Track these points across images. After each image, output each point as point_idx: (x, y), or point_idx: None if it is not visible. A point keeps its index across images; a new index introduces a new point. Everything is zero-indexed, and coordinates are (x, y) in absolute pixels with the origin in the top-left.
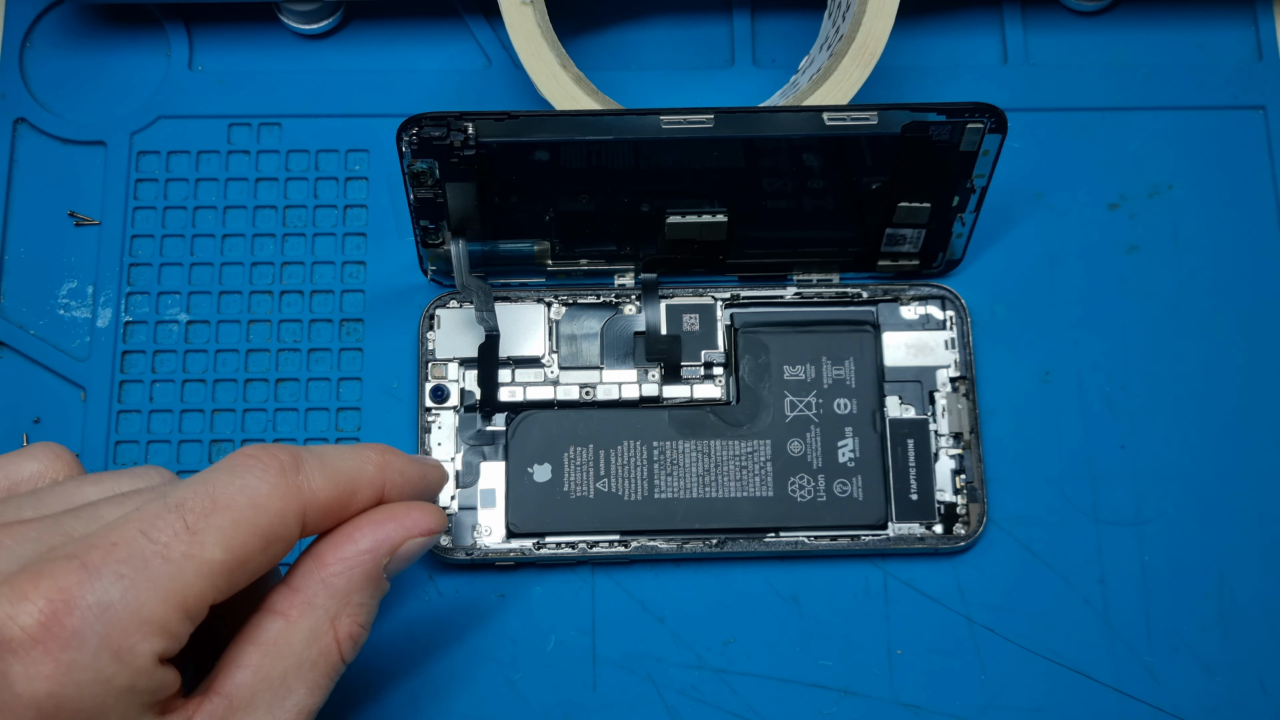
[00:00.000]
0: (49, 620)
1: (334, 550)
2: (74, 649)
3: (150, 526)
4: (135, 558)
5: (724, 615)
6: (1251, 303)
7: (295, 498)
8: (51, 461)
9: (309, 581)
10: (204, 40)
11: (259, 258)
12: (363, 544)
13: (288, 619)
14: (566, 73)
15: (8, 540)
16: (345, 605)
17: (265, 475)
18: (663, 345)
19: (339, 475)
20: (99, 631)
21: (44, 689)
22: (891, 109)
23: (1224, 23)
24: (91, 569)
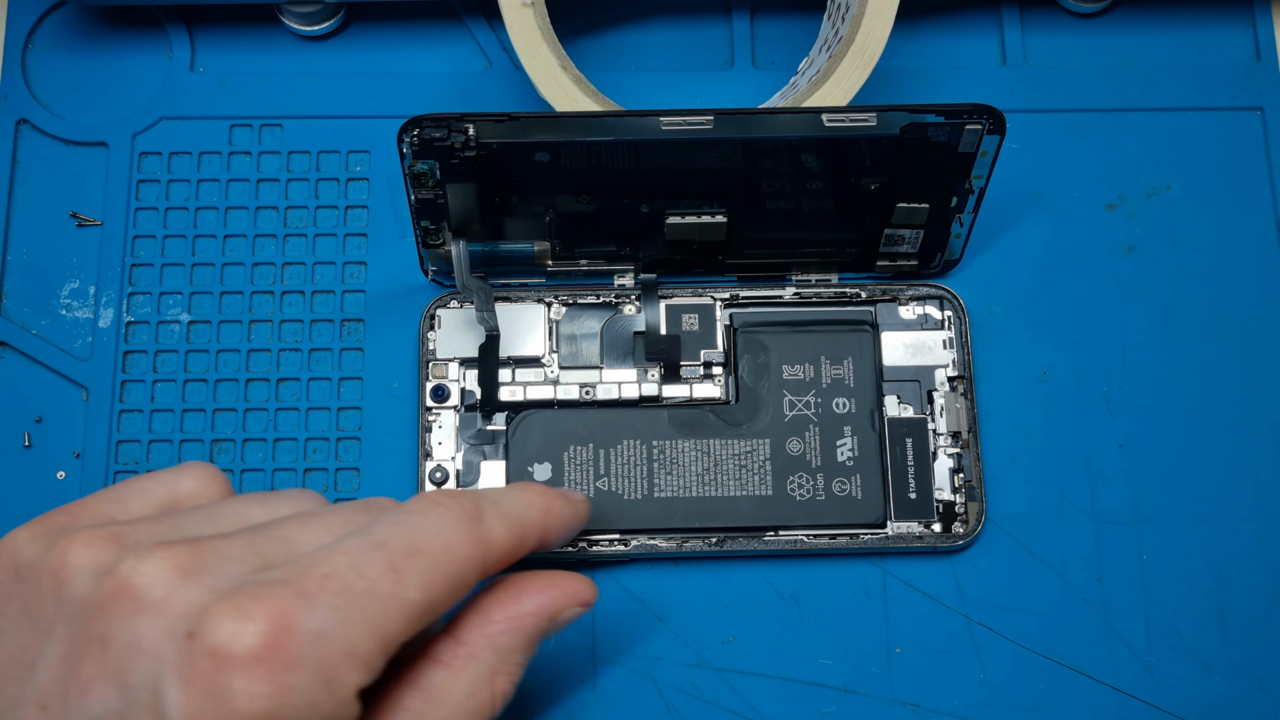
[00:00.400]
0: (272, 641)
1: (501, 608)
2: (292, 672)
3: (358, 562)
4: (347, 591)
5: (724, 614)
6: (1249, 303)
7: (480, 546)
8: (208, 481)
9: (474, 635)
10: (206, 42)
11: (260, 258)
12: (528, 606)
13: (451, 669)
14: (567, 74)
15: (211, 557)
16: (505, 663)
17: (455, 523)
18: (662, 345)
19: (513, 523)
20: (315, 658)
21: (261, 708)
22: (890, 110)
23: (1222, 24)
24: (308, 597)
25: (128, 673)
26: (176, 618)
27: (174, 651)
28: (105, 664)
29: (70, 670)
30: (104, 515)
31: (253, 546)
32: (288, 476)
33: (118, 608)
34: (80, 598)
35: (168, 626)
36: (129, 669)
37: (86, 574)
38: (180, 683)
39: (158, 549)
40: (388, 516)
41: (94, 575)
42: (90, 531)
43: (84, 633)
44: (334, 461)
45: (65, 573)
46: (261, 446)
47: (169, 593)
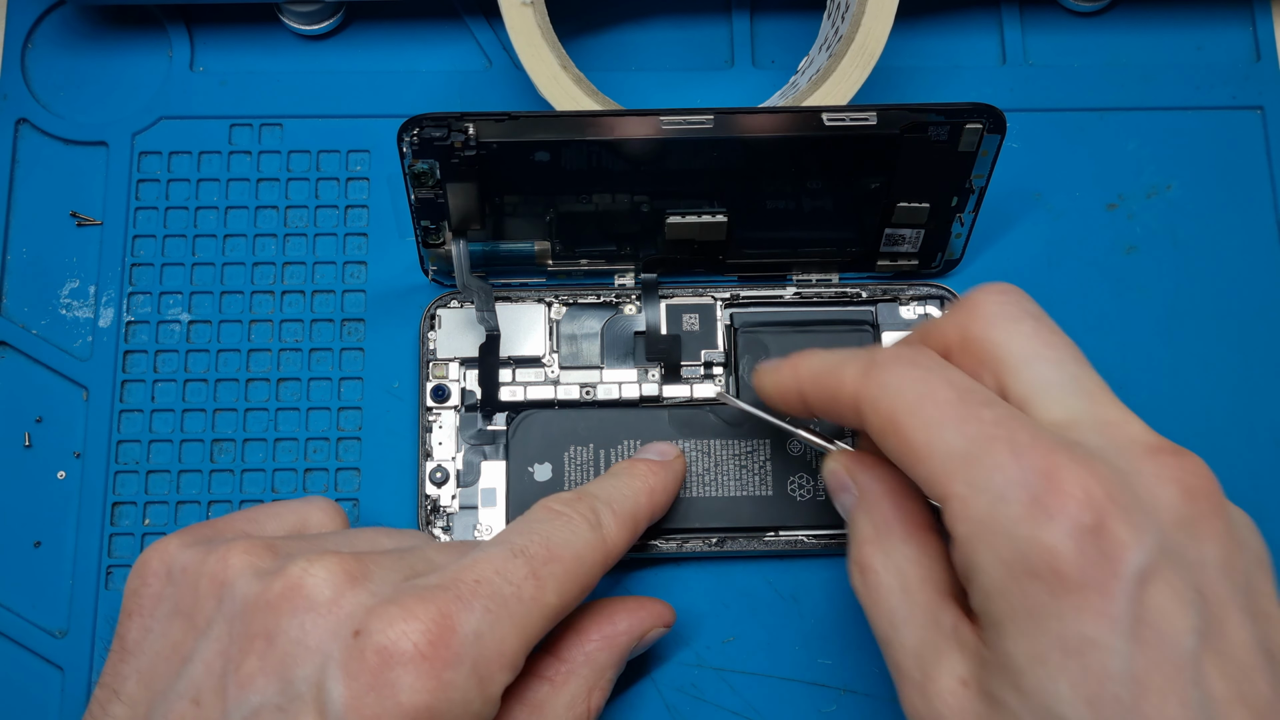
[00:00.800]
0: (436, 640)
1: (596, 628)
2: (452, 669)
3: (504, 569)
4: (497, 596)
5: (724, 614)
6: (1250, 302)
7: (603, 550)
8: (332, 513)
9: (574, 653)
10: (205, 41)
11: (260, 258)
12: (621, 625)
13: (553, 684)
14: (567, 73)
15: (372, 566)
16: (599, 679)
17: (580, 530)
18: (663, 345)
19: (627, 520)
20: (472, 657)
21: (423, 701)
22: (890, 109)
23: (1222, 23)
24: (465, 600)
25: (291, 667)
26: (344, 618)
27: (340, 648)
28: (268, 659)
29: (229, 665)
30: (243, 532)
31: (402, 561)
32: (288, 476)
33: (287, 606)
34: (244, 597)
35: (335, 626)
36: (293, 664)
37: (249, 576)
38: (345, 677)
39: (327, 555)
40: (517, 526)
41: (257, 577)
42: (248, 540)
43: (247, 630)
44: (334, 461)
45: (228, 575)
46: (262, 446)
47: (338, 594)
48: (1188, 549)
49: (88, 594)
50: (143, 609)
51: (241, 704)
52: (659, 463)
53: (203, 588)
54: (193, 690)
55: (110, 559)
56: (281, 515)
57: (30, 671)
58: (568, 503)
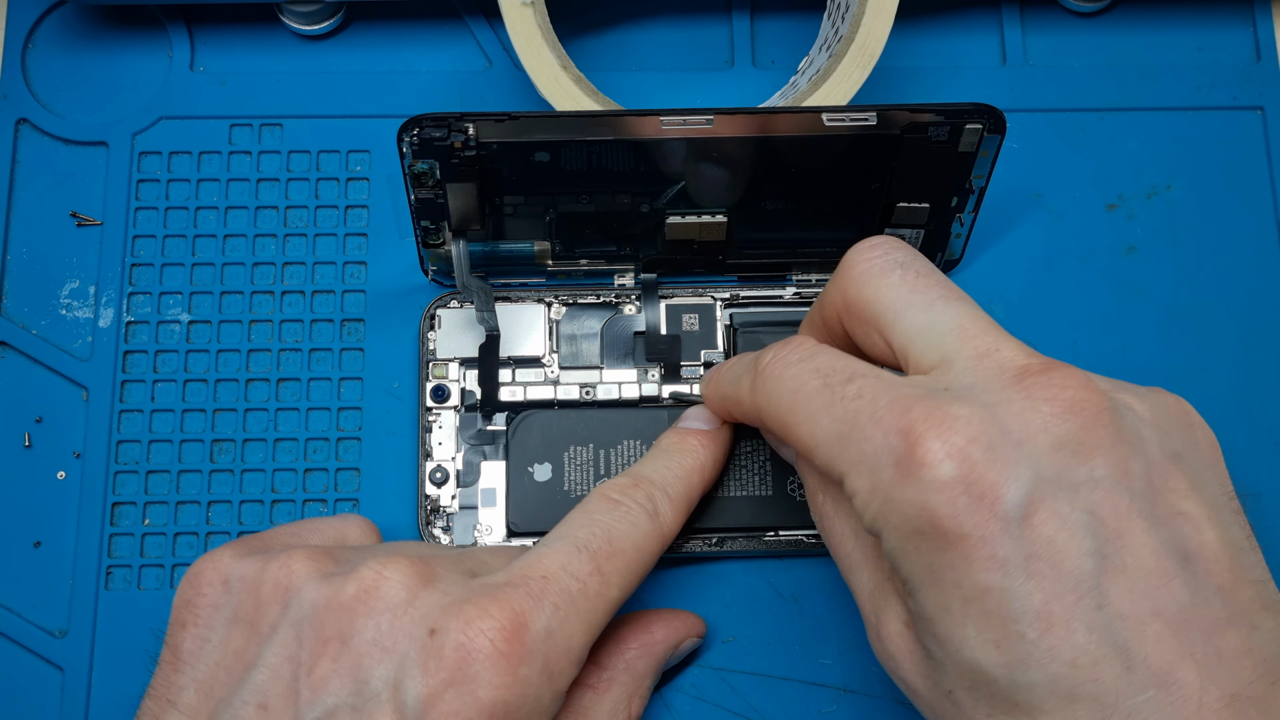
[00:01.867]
0: (511, 636)
1: (635, 637)
2: (526, 665)
3: (569, 565)
4: (565, 593)
5: (724, 614)
6: (1250, 303)
7: (660, 539)
8: (368, 530)
9: (614, 660)
10: (206, 41)
11: (260, 258)
12: (658, 635)
13: (596, 691)
14: (567, 74)
15: (439, 568)
16: (639, 686)
17: (640, 520)
18: (663, 345)
19: (682, 504)
20: (543, 653)
21: (500, 697)
22: (890, 110)
23: (1222, 24)
24: (535, 597)
25: (367, 668)
26: (420, 618)
27: (417, 648)
28: (342, 660)
29: (299, 669)
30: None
31: (461, 563)
32: (288, 476)
33: (362, 608)
34: (313, 601)
35: (410, 626)
36: (369, 665)
37: (316, 580)
38: (423, 675)
39: (398, 557)
40: (577, 519)
41: (325, 580)
42: (309, 548)
43: (320, 633)
44: (334, 461)
45: (292, 580)
46: (262, 447)
47: (412, 595)
48: (1072, 469)
49: (88, 594)
50: (198, 619)
51: (314, 706)
52: (708, 433)
53: (265, 594)
54: (259, 696)
55: (110, 559)
56: (322, 530)
57: (30, 671)
58: (625, 491)
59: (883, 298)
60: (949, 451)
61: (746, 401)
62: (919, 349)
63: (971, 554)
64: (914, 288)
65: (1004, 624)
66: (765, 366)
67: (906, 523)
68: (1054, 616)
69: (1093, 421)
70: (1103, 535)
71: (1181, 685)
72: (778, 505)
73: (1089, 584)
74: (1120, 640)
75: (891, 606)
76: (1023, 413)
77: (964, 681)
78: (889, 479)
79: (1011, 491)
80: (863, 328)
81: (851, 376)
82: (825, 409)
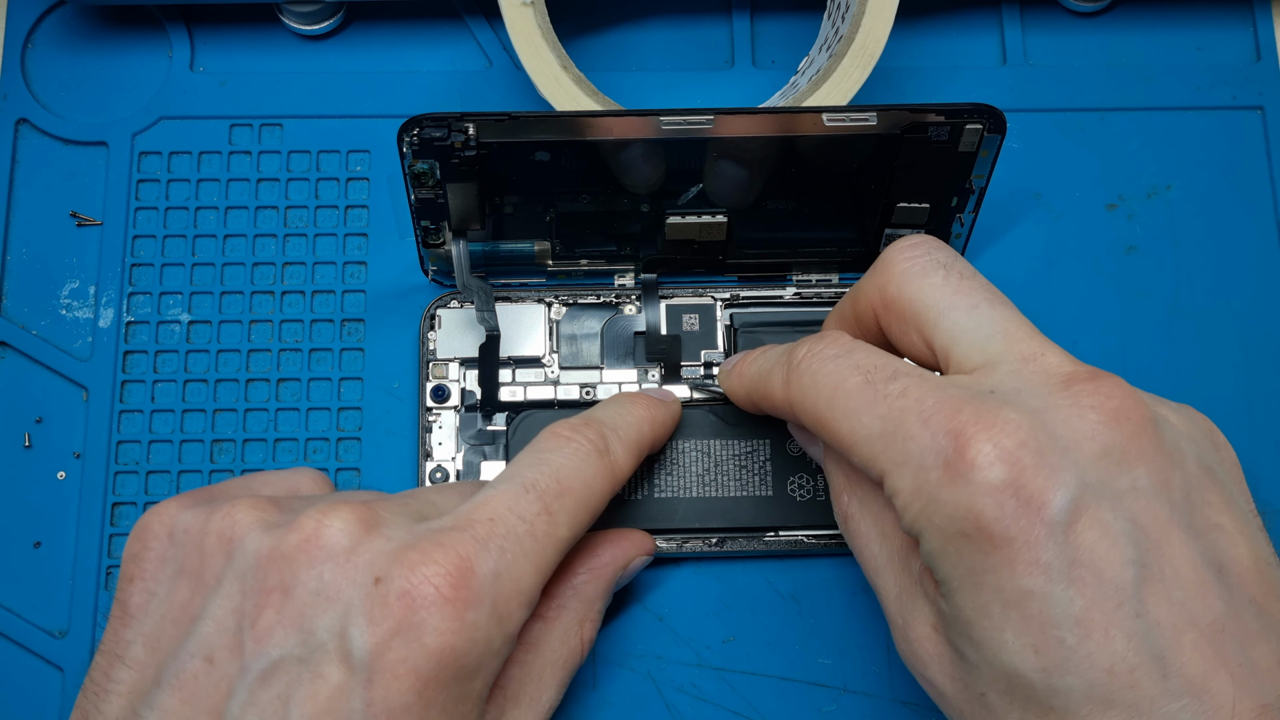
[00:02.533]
0: (457, 582)
1: (581, 561)
2: (474, 609)
3: (516, 506)
4: (512, 534)
5: (724, 614)
6: (1250, 302)
7: (610, 477)
8: (320, 481)
9: (561, 588)
10: (205, 41)
11: (260, 258)
12: (604, 557)
13: (545, 620)
14: (567, 73)
15: (383, 513)
16: (589, 610)
17: (589, 458)
18: (663, 345)
19: (631, 445)
20: (491, 596)
21: (448, 643)
22: (890, 110)
23: (1222, 23)
24: (481, 541)
25: (312, 618)
26: (363, 565)
27: (362, 596)
28: (286, 611)
29: (243, 620)
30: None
31: (407, 506)
32: None
33: (304, 557)
34: (255, 551)
35: (354, 574)
36: (313, 614)
37: (259, 530)
38: (369, 624)
39: (340, 505)
40: (525, 458)
41: (267, 530)
42: (253, 497)
43: (262, 584)
44: (334, 461)
45: (235, 530)
46: (262, 447)
47: (355, 543)
48: (1115, 478)
49: (88, 594)
50: (145, 572)
51: (259, 657)
52: (661, 399)
53: (209, 545)
54: (205, 649)
55: (110, 559)
56: (273, 482)
57: (30, 671)
58: (575, 428)
59: (925, 297)
60: (1000, 455)
61: (779, 396)
62: (962, 350)
63: (1015, 558)
64: (958, 289)
65: (1044, 629)
66: (801, 360)
67: (951, 524)
68: (1094, 623)
69: (1137, 432)
70: (1143, 544)
71: (1215, 695)
72: (778, 505)
73: (1129, 592)
74: (1158, 649)
75: (920, 609)
76: (1069, 420)
77: (998, 685)
78: (935, 479)
79: (1058, 497)
80: (901, 326)
81: (895, 374)
82: (868, 406)
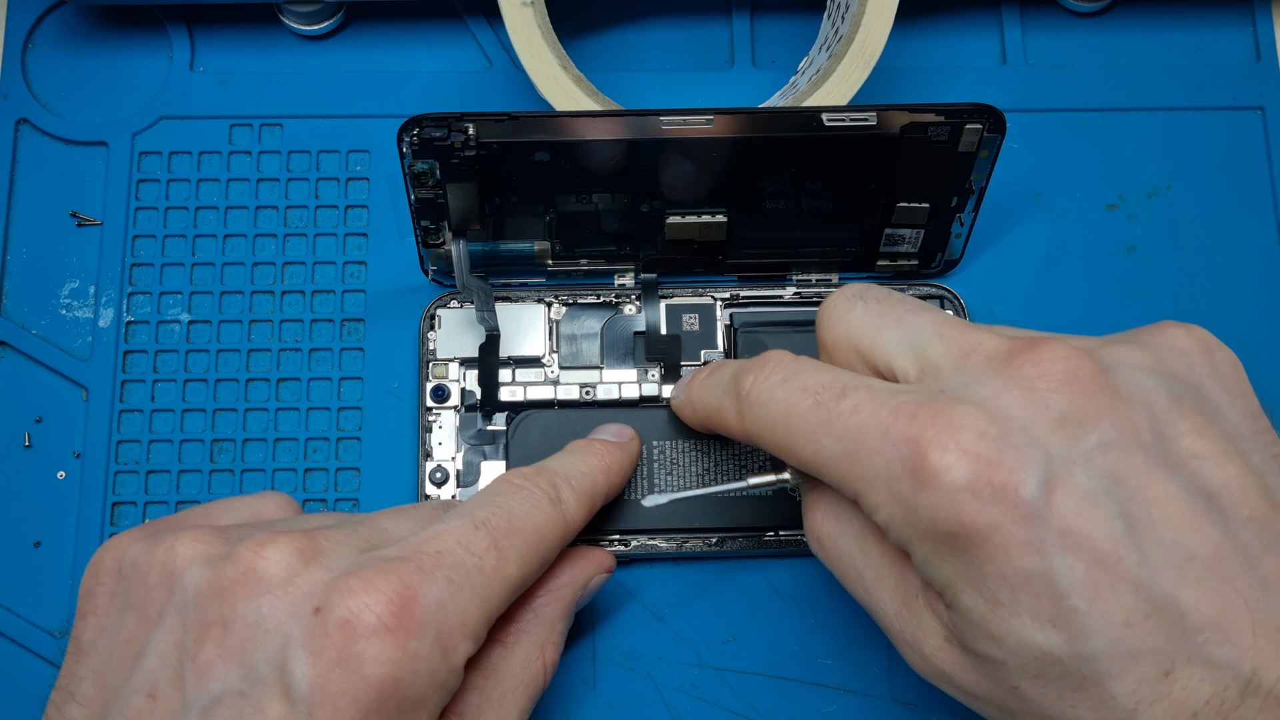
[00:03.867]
0: (399, 611)
1: (539, 583)
2: (416, 639)
3: (466, 540)
4: (459, 566)
5: (724, 614)
6: (1250, 303)
7: (562, 525)
8: (285, 506)
9: (521, 612)
10: (206, 41)
11: (260, 258)
12: (563, 578)
13: (505, 646)
14: (567, 74)
15: (325, 542)
16: (550, 633)
17: (541, 504)
18: (663, 345)
19: (584, 495)
20: (435, 627)
21: (389, 673)
22: (890, 110)
23: (1222, 24)
24: (427, 571)
25: (251, 652)
26: (302, 596)
27: (301, 627)
28: (226, 645)
29: (184, 655)
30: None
31: (356, 533)
32: (288, 476)
33: (241, 590)
34: (195, 585)
35: (293, 605)
36: (253, 648)
37: (199, 564)
38: (309, 655)
39: (278, 536)
40: (478, 499)
41: (208, 564)
42: (196, 529)
43: (202, 618)
44: (334, 461)
45: (176, 564)
46: (262, 446)
47: (293, 574)
48: (1079, 441)
49: None
50: (97, 608)
51: (201, 693)
52: (615, 443)
53: (153, 579)
54: (148, 685)
55: None
56: (234, 509)
57: (30, 671)
58: (528, 477)
59: (854, 328)
60: (960, 453)
61: (736, 428)
62: (903, 364)
63: (1007, 544)
64: (879, 311)
65: (1055, 601)
66: (750, 391)
67: (933, 528)
68: (1099, 583)
69: (1089, 388)
70: (1124, 496)
71: (1234, 619)
72: (778, 505)
73: (1124, 545)
74: (1166, 590)
75: (926, 623)
76: (1020, 397)
77: (1028, 672)
78: (907, 489)
79: (1028, 477)
80: (849, 360)
81: (844, 391)
82: (824, 428)
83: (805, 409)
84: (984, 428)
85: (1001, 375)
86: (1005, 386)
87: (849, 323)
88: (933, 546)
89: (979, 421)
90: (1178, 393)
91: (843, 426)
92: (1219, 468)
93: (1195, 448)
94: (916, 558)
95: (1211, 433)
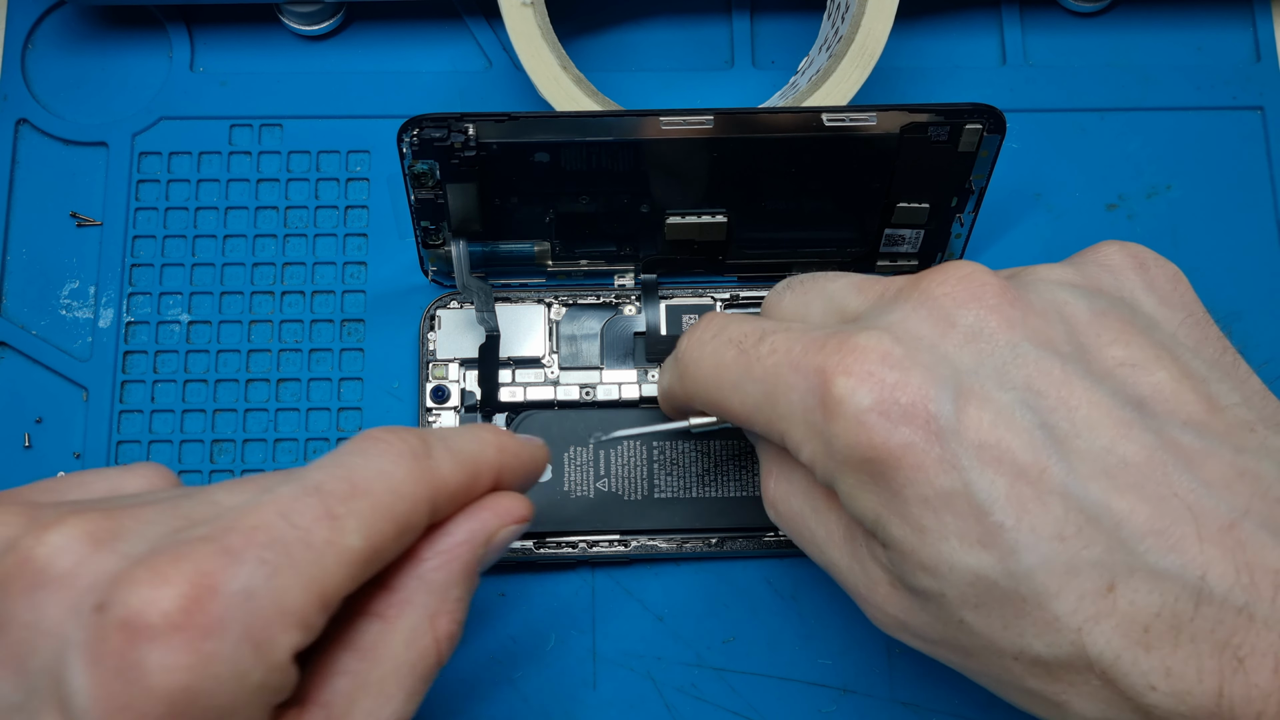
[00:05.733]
0: (191, 606)
1: (429, 545)
2: (215, 639)
3: (290, 510)
4: (277, 543)
5: (723, 614)
6: (1250, 303)
7: (428, 484)
8: (155, 479)
9: (405, 579)
10: (205, 41)
11: (260, 258)
12: (459, 535)
13: (385, 620)
14: (567, 74)
15: (129, 521)
16: (444, 602)
17: (399, 460)
18: (663, 345)
19: (465, 459)
20: (241, 621)
21: (180, 681)
22: (890, 110)
23: (1222, 24)
24: (233, 553)
25: (26, 657)
26: (85, 590)
27: (80, 628)
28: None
29: None
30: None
31: (177, 509)
32: None
33: (16, 585)
34: None
35: (74, 601)
36: (28, 653)
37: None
38: (86, 663)
39: (67, 517)
40: (323, 459)
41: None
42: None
43: None
44: None
45: None
46: (262, 447)
47: (77, 563)
48: (991, 354)
49: None
50: None
51: None
52: (521, 437)
53: None
54: None
55: None
56: (88, 484)
57: None
58: (393, 431)
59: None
60: (862, 377)
61: (680, 394)
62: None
63: (922, 463)
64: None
65: (980, 520)
66: (684, 353)
67: (849, 457)
68: (1024, 497)
69: (999, 302)
70: (1043, 406)
71: (1175, 524)
72: None
73: (1047, 455)
74: (1097, 500)
75: (871, 571)
76: (927, 317)
77: (968, 601)
78: (820, 420)
79: (937, 393)
80: None
81: (763, 335)
82: (746, 374)
83: (730, 359)
84: (888, 349)
85: (910, 299)
86: (914, 309)
87: (780, 310)
88: (853, 478)
89: (883, 343)
90: (1100, 306)
91: (761, 369)
92: (1148, 373)
93: (1119, 355)
94: (842, 495)
95: (1139, 340)
